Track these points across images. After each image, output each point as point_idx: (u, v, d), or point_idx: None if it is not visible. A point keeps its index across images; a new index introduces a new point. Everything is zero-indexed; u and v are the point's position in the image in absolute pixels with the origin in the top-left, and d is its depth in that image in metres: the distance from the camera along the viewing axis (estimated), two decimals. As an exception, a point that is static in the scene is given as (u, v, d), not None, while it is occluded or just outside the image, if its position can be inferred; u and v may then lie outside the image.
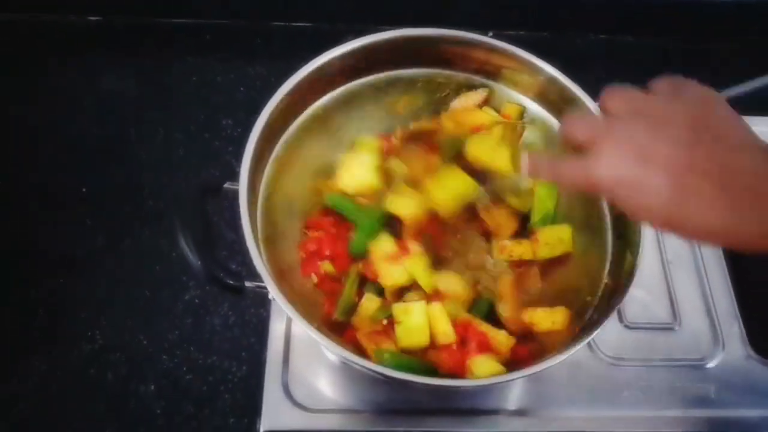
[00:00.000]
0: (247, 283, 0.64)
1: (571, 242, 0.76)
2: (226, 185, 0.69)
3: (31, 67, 1.14)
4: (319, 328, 0.62)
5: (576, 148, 0.53)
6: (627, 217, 0.67)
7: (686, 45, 1.19)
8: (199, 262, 0.61)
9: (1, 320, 0.92)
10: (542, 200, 0.78)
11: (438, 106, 0.83)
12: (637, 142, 0.49)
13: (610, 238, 0.72)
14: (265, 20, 1.18)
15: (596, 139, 0.51)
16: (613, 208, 0.73)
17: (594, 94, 0.75)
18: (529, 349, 0.69)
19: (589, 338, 0.63)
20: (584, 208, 0.76)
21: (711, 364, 0.79)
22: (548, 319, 0.71)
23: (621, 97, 0.52)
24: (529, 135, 0.80)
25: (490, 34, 0.80)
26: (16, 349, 0.91)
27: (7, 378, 0.88)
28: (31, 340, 0.91)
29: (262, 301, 0.91)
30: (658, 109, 0.50)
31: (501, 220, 0.78)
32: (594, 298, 0.71)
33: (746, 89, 0.59)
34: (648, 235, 0.67)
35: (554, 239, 0.75)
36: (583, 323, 0.69)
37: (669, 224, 0.48)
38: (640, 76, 0.57)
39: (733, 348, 0.80)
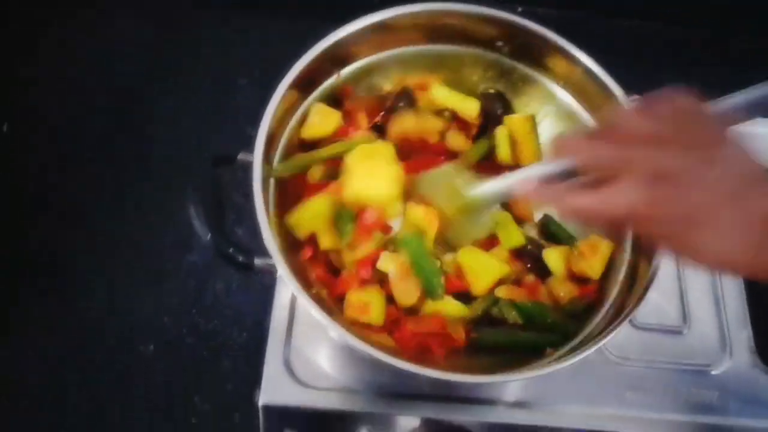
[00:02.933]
0: (257, 260, 0.62)
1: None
2: (240, 156, 0.67)
3: (40, 36, 1.09)
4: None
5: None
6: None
7: (709, 36, 1.15)
8: (209, 237, 0.60)
9: (5, 277, 0.92)
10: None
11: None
12: (654, 171, 0.49)
13: (629, 246, 0.72)
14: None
15: (611, 170, 0.51)
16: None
17: (620, 78, 0.73)
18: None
19: (601, 344, 0.62)
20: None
21: (717, 371, 0.78)
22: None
23: (630, 124, 0.53)
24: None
25: (519, 9, 0.76)
26: (17, 306, 0.90)
27: (8, 334, 0.88)
28: (34, 298, 0.91)
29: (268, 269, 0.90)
30: (668, 137, 0.50)
31: None
32: (613, 293, 0.70)
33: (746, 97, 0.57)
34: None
35: None
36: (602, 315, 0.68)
37: (691, 252, 0.49)
38: (664, 63, 0.55)
39: (740, 356, 0.79)
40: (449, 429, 0.74)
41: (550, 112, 0.79)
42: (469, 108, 0.78)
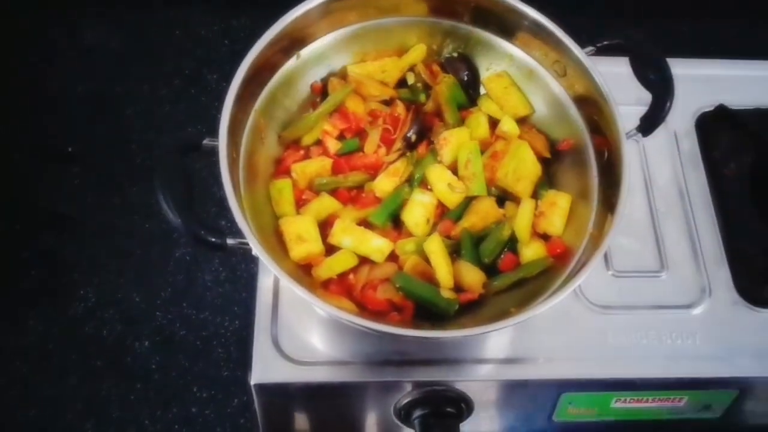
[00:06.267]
0: (230, 240, 0.63)
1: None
2: (206, 141, 0.68)
3: (11, 23, 1.11)
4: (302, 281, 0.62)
5: None
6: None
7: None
8: (180, 221, 0.61)
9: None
10: None
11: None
12: None
13: (596, 196, 0.73)
14: (249, -32, 1.15)
15: None
16: (601, 173, 0.73)
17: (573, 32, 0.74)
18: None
19: (576, 284, 0.64)
20: (577, 175, 0.76)
21: (697, 311, 0.79)
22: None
23: None
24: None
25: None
26: (11, 306, 0.92)
27: (5, 334, 0.90)
28: (26, 298, 0.92)
29: (251, 256, 0.91)
30: None
31: None
32: (581, 245, 0.72)
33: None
34: (634, 192, 0.67)
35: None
36: (571, 268, 0.69)
37: None
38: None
39: (719, 294, 0.80)
40: (440, 392, 0.76)
41: (510, 71, 0.81)
42: None
